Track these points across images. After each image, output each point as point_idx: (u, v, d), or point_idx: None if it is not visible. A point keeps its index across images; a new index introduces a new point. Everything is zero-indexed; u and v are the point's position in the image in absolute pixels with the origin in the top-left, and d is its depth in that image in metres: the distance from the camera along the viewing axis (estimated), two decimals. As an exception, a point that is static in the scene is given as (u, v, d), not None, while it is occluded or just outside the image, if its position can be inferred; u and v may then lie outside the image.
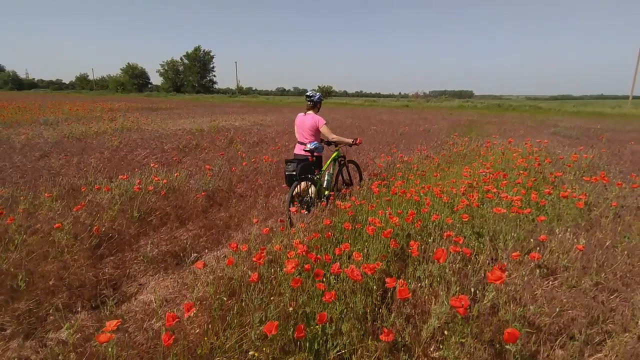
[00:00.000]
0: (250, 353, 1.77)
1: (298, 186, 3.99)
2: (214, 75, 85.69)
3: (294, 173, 3.93)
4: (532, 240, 3.04)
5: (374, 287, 2.28)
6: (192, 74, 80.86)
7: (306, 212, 3.83)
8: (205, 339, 1.87)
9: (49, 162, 5.70)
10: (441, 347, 1.89)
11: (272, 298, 2.12)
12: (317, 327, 1.84)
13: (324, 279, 2.21)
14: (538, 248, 2.90)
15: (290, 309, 2.00)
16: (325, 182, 4.50)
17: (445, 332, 1.92)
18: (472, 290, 2.25)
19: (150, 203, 3.99)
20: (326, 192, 4.33)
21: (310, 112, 4.42)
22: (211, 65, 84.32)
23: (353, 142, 4.51)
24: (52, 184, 4.41)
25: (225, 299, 2.14)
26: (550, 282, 2.56)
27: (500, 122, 18.46)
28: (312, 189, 4.21)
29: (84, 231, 3.16)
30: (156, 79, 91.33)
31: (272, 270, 2.40)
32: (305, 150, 4.18)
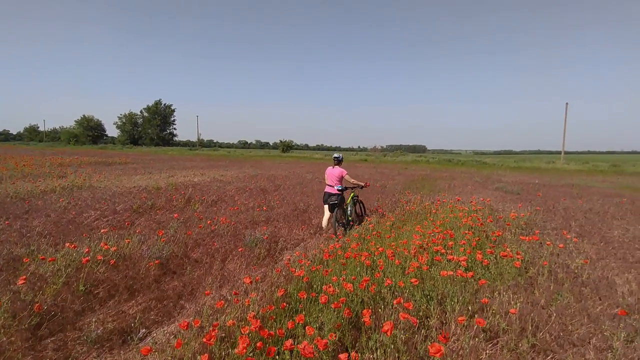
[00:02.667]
0: None
1: (337, 210, 6.40)
2: (175, 128, 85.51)
3: (336, 202, 6.37)
4: (475, 303, 3.24)
5: (326, 362, 2.31)
6: (152, 127, 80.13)
7: (343, 229, 6.47)
8: None
9: (-14, 228, 5.32)
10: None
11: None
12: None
13: (277, 357, 2.22)
14: (478, 313, 3.09)
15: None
16: (349, 211, 6.77)
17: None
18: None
19: (98, 274, 3.82)
20: (350, 218, 6.73)
21: (337, 166, 6.67)
22: (172, 119, 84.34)
23: (364, 185, 7.03)
24: (-10, 254, 4.12)
25: (174, 384, 2.08)
26: (493, 346, 2.72)
27: (450, 176, 19.68)
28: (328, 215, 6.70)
29: (24, 309, 2.96)
30: (112, 131, 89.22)
31: (225, 348, 2.37)
32: (338, 189, 6.44)
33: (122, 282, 3.86)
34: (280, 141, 62.15)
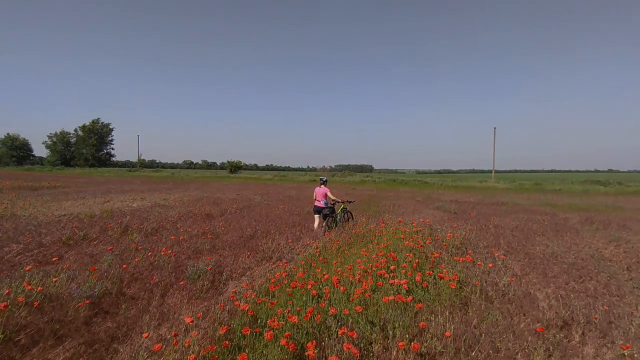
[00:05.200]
0: None
1: (328, 218, 8.81)
2: (112, 148, 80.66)
3: (328, 213, 8.78)
4: (414, 326, 3.39)
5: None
6: (86, 147, 74.80)
7: (328, 229, 8.46)
8: None
9: None
10: None
11: None
12: None
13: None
14: (417, 337, 3.24)
15: None
16: (338, 218, 9.08)
17: None
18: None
19: (19, 318, 3.44)
20: (336, 224, 8.85)
21: (322, 186, 8.91)
22: (109, 138, 79.58)
23: (345, 202, 9.64)
24: None
25: None
26: (430, 369, 2.85)
27: (395, 196, 20.54)
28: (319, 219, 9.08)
29: None
30: (41, 151, 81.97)
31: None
32: (324, 203, 8.82)
33: (48, 327, 3.51)
34: (228, 161, 60.98)
